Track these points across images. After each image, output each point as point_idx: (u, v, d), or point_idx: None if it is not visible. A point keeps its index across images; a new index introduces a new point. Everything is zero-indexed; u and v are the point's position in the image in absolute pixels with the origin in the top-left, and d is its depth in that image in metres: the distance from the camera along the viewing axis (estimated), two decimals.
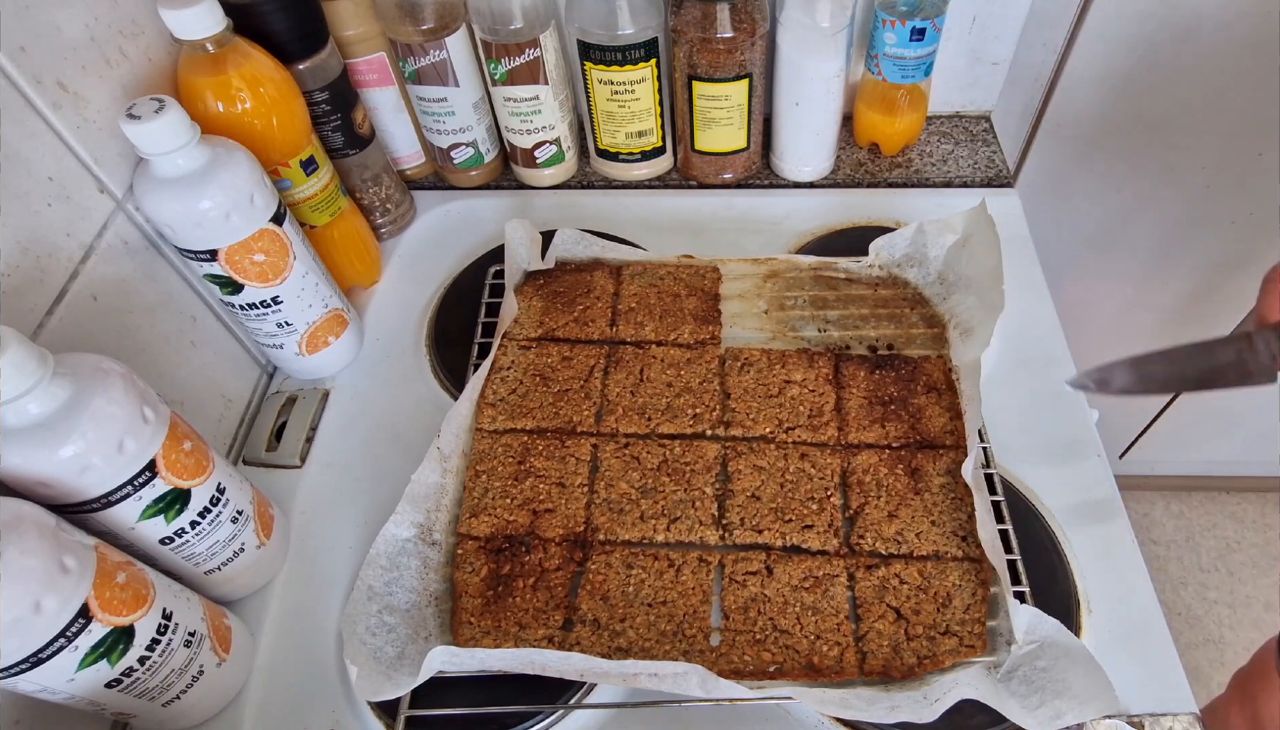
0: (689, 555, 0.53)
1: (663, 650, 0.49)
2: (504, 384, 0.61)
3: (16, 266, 0.45)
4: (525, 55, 0.69)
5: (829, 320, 0.66)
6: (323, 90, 0.64)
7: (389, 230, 0.76)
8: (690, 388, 0.61)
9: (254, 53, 0.55)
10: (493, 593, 0.52)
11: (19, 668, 0.37)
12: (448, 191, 0.81)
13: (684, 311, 0.65)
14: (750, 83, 0.71)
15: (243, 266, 0.54)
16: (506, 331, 0.65)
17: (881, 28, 0.72)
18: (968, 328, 0.61)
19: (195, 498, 0.46)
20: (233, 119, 0.55)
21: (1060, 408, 0.62)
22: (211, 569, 0.50)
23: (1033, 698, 0.45)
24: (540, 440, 0.59)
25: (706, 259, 0.69)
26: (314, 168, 0.62)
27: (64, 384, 0.39)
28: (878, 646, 0.49)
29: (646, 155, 0.79)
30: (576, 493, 0.56)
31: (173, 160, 0.49)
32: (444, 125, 0.75)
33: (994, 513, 0.54)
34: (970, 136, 0.84)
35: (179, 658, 0.44)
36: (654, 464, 0.57)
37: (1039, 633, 0.47)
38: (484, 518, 0.55)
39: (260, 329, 0.60)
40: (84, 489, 0.41)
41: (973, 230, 0.63)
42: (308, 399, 0.65)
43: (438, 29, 0.67)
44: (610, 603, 0.51)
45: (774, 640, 0.50)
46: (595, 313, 0.66)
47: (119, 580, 0.40)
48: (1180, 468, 1.42)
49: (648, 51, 0.70)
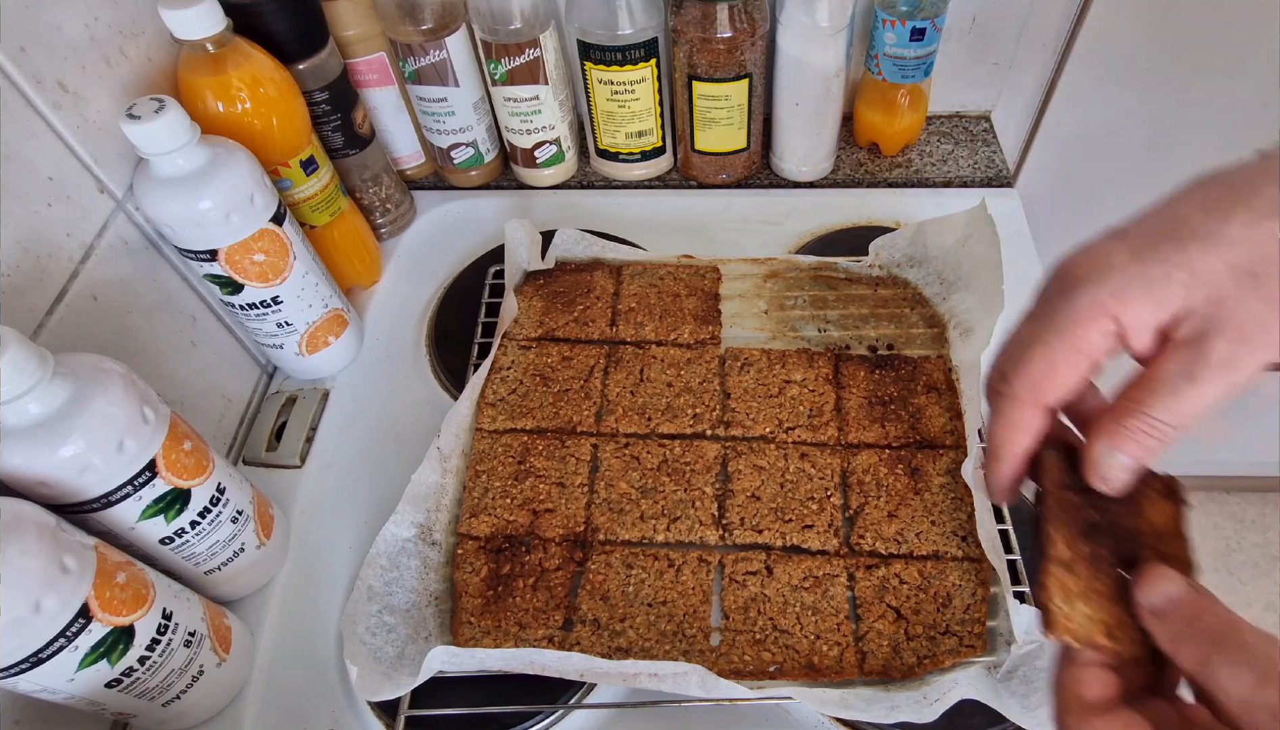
0: (689, 555, 0.53)
1: (663, 650, 0.49)
2: (504, 384, 0.61)
3: (16, 266, 0.45)
4: (525, 55, 0.69)
5: (829, 320, 0.66)
6: (323, 90, 0.64)
7: (389, 230, 0.76)
8: (690, 388, 0.61)
9: (254, 53, 0.55)
10: (493, 593, 0.52)
11: (19, 668, 0.37)
12: (448, 191, 0.81)
13: (684, 311, 0.65)
14: (750, 83, 0.71)
15: (243, 266, 0.54)
16: (506, 331, 0.65)
17: (881, 28, 0.72)
18: (968, 327, 0.61)
19: (195, 498, 0.46)
20: (233, 119, 0.55)
21: None
22: (211, 569, 0.50)
23: (1033, 698, 0.45)
24: (540, 440, 0.59)
25: (706, 259, 0.69)
26: (314, 168, 0.62)
27: (64, 384, 0.39)
28: (878, 646, 0.49)
29: (646, 155, 0.79)
30: (576, 492, 0.56)
31: (173, 160, 0.49)
32: (444, 125, 0.75)
33: (994, 513, 0.54)
34: (970, 136, 0.84)
35: (179, 658, 0.44)
36: (654, 464, 0.57)
37: (1039, 633, 0.47)
38: (484, 518, 0.55)
39: (260, 329, 0.60)
40: (84, 489, 0.41)
41: (973, 230, 0.63)
42: (308, 399, 0.65)
43: (438, 29, 0.67)
44: (610, 603, 0.51)
45: (774, 640, 0.50)
46: (595, 313, 0.66)
47: (119, 580, 0.40)
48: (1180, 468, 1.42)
49: (648, 51, 0.70)
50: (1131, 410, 0.27)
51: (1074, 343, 0.28)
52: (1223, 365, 0.26)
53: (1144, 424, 0.27)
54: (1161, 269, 0.27)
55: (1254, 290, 0.26)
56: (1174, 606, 0.27)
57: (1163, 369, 0.27)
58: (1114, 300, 0.27)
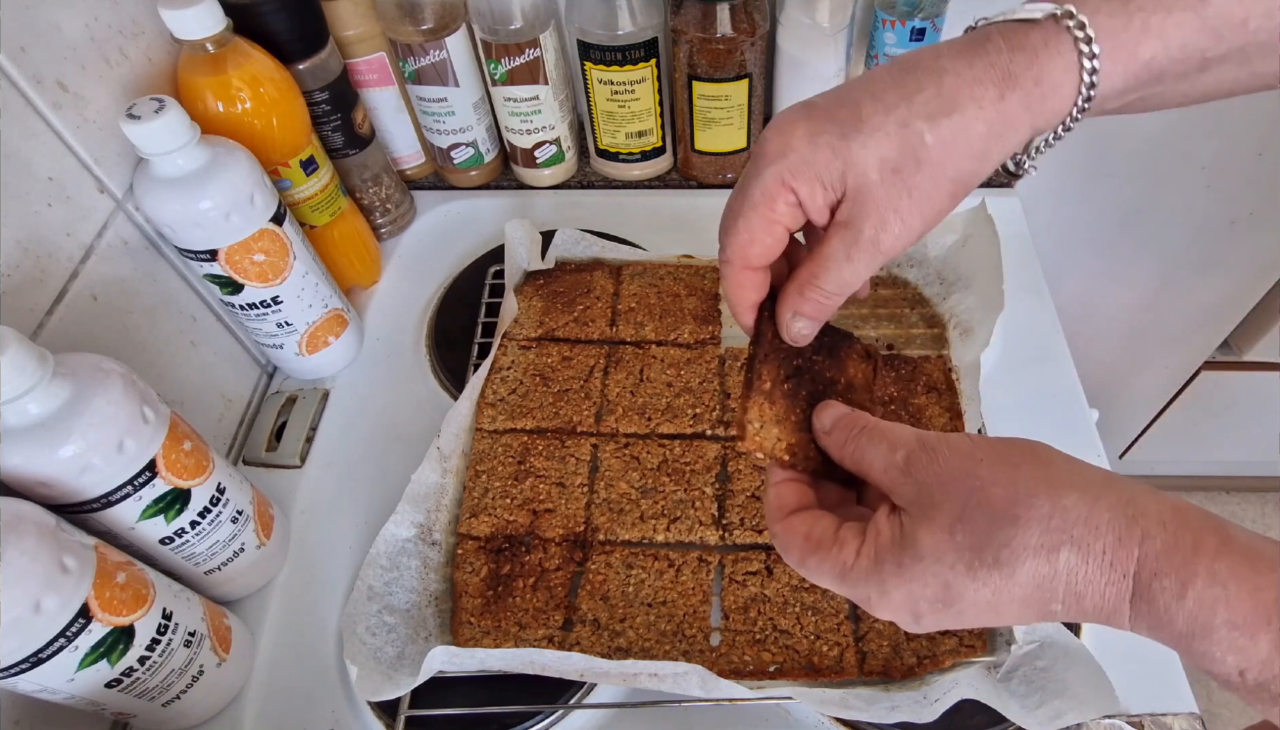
0: (689, 555, 0.53)
1: (663, 650, 0.49)
2: (504, 384, 0.61)
3: (16, 266, 0.45)
4: (525, 55, 0.69)
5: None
6: (323, 90, 0.64)
7: (389, 230, 0.76)
8: (690, 388, 0.61)
9: (254, 53, 0.55)
10: (493, 593, 0.52)
11: (19, 668, 0.37)
12: (448, 191, 0.81)
13: (684, 311, 0.65)
14: (750, 83, 0.71)
15: (243, 266, 0.54)
16: (506, 331, 0.65)
17: (881, 28, 0.72)
18: (967, 328, 0.61)
19: (195, 498, 0.46)
20: (233, 119, 0.55)
21: (1060, 408, 0.62)
22: (211, 569, 0.50)
23: (1033, 698, 0.45)
24: (540, 440, 0.59)
25: (706, 259, 0.69)
26: (314, 168, 0.62)
27: (64, 384, 0.39)
28: (877, 646, 0.49)
29: (646, 155, 0.79)
30: (576, 493, 0.56)
31: (173, 160, 0.49)
32: (444, 125, 0.75)
33: None
34: None
35: (179, 658, 0.44)
36: (654, 464, 0.57)
37: (1039, 633, 0.47)
38: (484, 518, 0.55)
39: (260, 329, 0.60)
40: (84, 489, 0.41)
41: (972, 230, 0.63)
42: (308, 399, 0.65)
43: (438, 29, 0.67)
44: (610, 603, 0.51)
45: (774, 640, 0.50)
46: (595, 313, 0.66)
47: (119, 580, 0.40)
48: (1180, 468, 1.42)
49: (648, 51, 0.70)
50: (806, 282, 0.33)
51: (766, 214, 0.32)
52: (870, 247, 0.31)
53: (815, 293, 0.33)
54: (826, 156, 0.31)
55: (896, 184, 0.30)
56: (836, 424, 0.34)
57: (828, 246, 0.32)
58: (792, 179, 0.31)
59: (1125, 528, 0.26)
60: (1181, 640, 0.25)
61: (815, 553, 0.31)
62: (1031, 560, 0.26)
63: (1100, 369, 1.18)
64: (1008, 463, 0.28)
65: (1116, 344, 1.14)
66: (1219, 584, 0.24)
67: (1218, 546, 0.25)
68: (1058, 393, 0.63)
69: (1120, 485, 0.27)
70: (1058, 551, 0.26)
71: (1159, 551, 0.25)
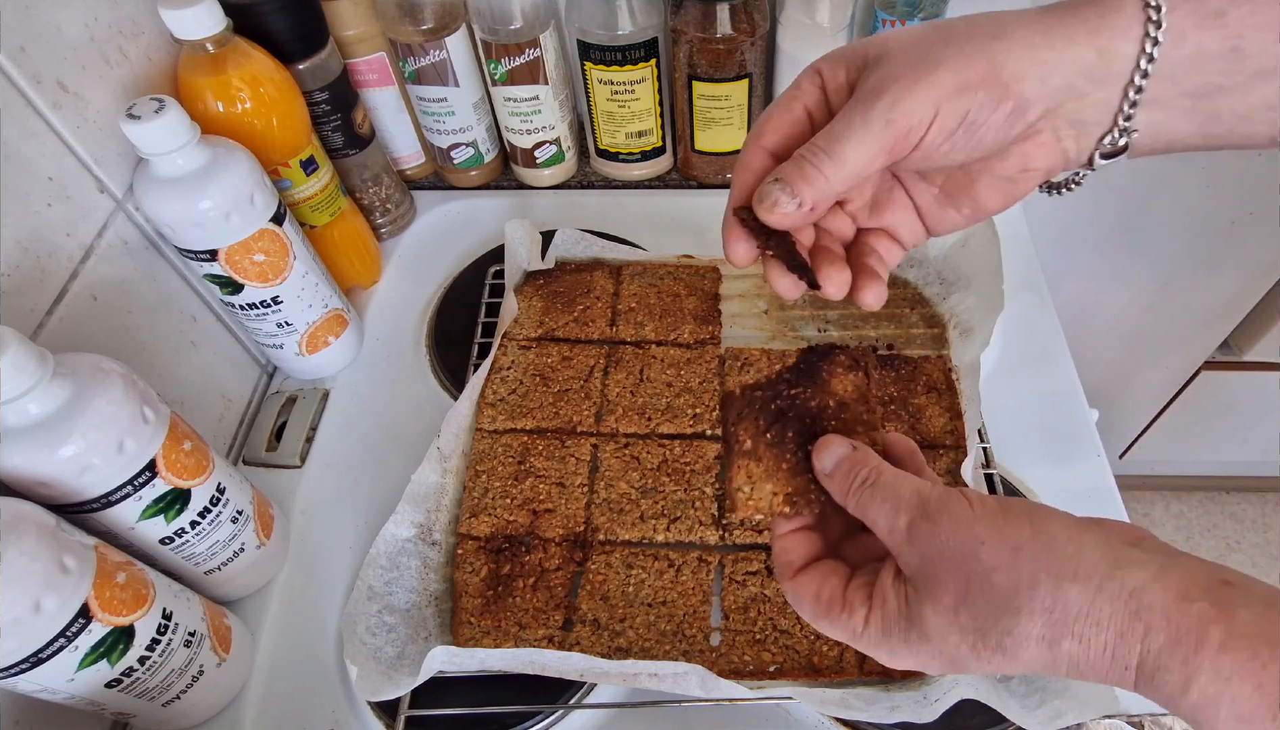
0: (689, 555, 0.53)
1: (663, 650, 0.49)
2: (504, 384, 0.61)
3: (16, 266, 0.45)
4: (525, 55, 0.69)
5: (829, 320, 0.66)
6: (323, 90, 0.64)
7: (389, 230, 0.76)
8: (690, 388, 0.61)
9: (254, 53, 0.55)
10: (493, 593, 0.52)
11: (19, 668, 0.37)
12: (448, 191, 0.81)
13: (684, 311, 0.65)
14: (750, 83, 0.71)
15: (243, 266, 0.54)
16: (506, 331, 0.65)
17: (881, 28, 0.72)
18: (967, 327, 0.61)
19: (195, 498, 0.46)
20: (233, 119, 0.55)
21: (1060, 408, 0.62)
22: (211, 569, 0.50)
23: (1033, 698, 0.45)
24: (540, 440, 0.59)
25: (706, 259, 0.69)
26: (314, 168, 0.62)
27: (64, 384, 0.39)
28: None
29: (646, 155, 0.79)
30: (576, 493, 0.56)
31: (173, 160, 0.49)
32: (444, 125, 0.75)
33: None
34: None
35: (179, 658, 0.44)
36: (654, 464, 0.57)
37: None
38: (484, 518, 0.55)
39: (260, 329, 0.60)
40: (84, 489, 0.41)
41: (972, 230, 0.63)
42: (308, 399, 0.65)
43: (438, 29, 0.67)
44: (610, 603, 0.51)
45: (774, 640, 0.50)
46: (595, 313, 0.66)
47: (119, 580, 0.40)
48: (1180, 468, 1.43)
49: (648, 51, 0.70)
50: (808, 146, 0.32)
51: (792, 93, 0.34)
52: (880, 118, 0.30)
53: (810, 157, 0.31)
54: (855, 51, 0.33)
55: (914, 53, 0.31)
56: (839, 466, 0.33)
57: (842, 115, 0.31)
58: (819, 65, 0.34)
59: (1127, 623, 0.25)
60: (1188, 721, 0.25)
61: (826, 615, 0.32)
62: (1035, 648, 0.27)
63: (1100, 369, 1.18)
64: (1009, 544, 0.28)
65: (1116, 344, 1.14)
66: (1223, 679, 0.24)
67: (1222, 640, 0.24)
68: (1058, 393, 0.63)
69: (1124, 572, 0.26)
70: (1059, 643, 0.26)
71: (1162, 647, 0.25)
